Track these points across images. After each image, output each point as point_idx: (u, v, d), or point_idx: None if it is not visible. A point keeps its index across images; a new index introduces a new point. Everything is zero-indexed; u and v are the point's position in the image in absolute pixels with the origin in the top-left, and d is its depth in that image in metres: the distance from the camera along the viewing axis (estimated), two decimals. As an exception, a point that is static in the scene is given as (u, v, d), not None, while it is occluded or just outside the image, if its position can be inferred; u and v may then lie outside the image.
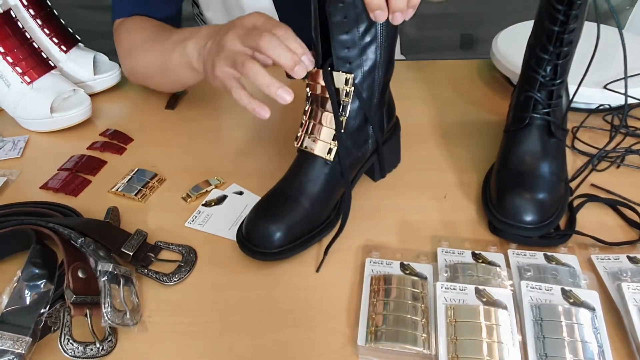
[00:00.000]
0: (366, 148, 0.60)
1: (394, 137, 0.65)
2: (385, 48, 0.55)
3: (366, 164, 0.63)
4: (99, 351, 0.47)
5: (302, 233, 0.55)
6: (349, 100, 0.55)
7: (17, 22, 0.79)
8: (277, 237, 0.53)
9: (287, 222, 0.54)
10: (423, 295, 0.50)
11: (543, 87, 0.60)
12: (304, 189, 0.56)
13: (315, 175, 0.56)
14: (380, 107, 0.60)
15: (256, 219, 0.55)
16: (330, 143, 0.56)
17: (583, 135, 0.73)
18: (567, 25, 0.56)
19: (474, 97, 0.84)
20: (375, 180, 0.67)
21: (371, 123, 0.59)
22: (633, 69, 0.71)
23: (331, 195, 0.58)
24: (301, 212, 0.55)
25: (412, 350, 0.45)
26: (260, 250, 0.54)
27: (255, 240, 0.54)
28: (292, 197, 0.56)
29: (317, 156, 0.56)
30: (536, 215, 0.55)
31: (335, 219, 0.59)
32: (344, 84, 0.54)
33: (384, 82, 0.58)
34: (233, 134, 0.78)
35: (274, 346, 0.48)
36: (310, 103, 0.57)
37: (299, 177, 0.57)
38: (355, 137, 0.58)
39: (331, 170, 0.57)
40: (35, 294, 0.48)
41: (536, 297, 0.48)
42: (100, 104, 0.87)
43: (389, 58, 0.57)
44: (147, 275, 0.55)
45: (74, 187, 0.68)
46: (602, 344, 0.44)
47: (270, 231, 0.53)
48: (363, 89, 0.56)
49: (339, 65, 0.54)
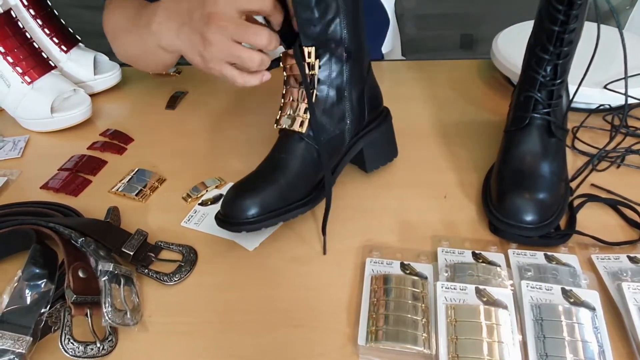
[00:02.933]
0: (343, 126, 0.60)
1: (382, 128, 0.65)
2: (348, 24, 0.56)
3: (351, 150, 0.63)
4: (99, 351, 0.47)
5: (276, 206, 0.55)
6: (316, 73, 0.56)
7: (17, 22, 0.79)
8: (250, 209, 0.54)
9: (262, 195, 0.55)
10: (423, 295, 0.50)
11: (543, 87, 0.60)
12: (278, 164, 0.57)
13: (290, 150, 0.58)
14: (354, 84, 0.60)
15: (232, 195, 0.56)
16: (302, 116, 0.57)
17: (583, 135, 0.73)
18: (567, 25, 0.56)
19: (474, 97, 0.84)
20: (367, 171, 0.67)
21: (346, 98, 0.59)
22: (633, 69, 0.72)
23: (309, 172, 0.58)
24: (275, 186, 0.56)
25: (413, 350, 0.45)
26: (234, 221, 0.54)
27: (230, 213, 0.55)
28: (270, 172, 0.57)
29: (291, 131, 0.58)
30: (536, 215, 0.55)
31: (317, 197, 0.59)
32: (308, 57, 0.56)
33: (356, 59, 0.59)
34: (233, 134, 0.78)
35: (274, 346, 0.48)
36: (285, 84, 0.59)
37: (275, 154, 0.58)
38: (329, 112, 0.59)
39: (307, 146, 0.58)
40: (36, 293, 0.48)
41: (536, 297, 0.48)
42: (101, 104, 0.87)
43: (355, 32, 0.58)
44: (147, 275, 0.55)
45: (74, 187, 0.68)
46: (602, 344, 0.45)
47: (244, 204, 0.54)
48: (331, 62, 0.57)
49: (304, 42, 0.55)
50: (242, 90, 0.89)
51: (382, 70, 0.94)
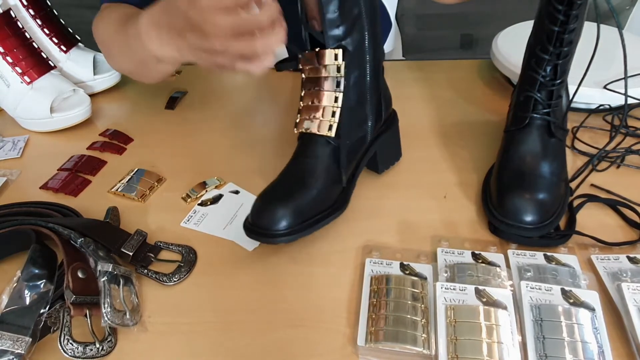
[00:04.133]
0: (365, 128, 0.60)
1: (392, 129, 0.66)
2: (369, 24, 0.56)
3: (368, 153, 0.62)
4: (98, 351, 0.47)
5: (309, 214, 0.54)
6: (342, 75, 0.55)
7: (17, 22, 0.79)
8: (285, 219, 0.52)
9: (294, 204, 0.53)
10: (423, 296, 0.50)
11: (543, 87, 0.60)
12: (309, 169, 0.56)
13: (317, 154, 0.56)
14: (375, 88, 0.60)
15: (262, 204, 0.54)
16: (330, 120, 0.56)
17: (583, 135, 0.73)
18: (567, 25, 0.56)
19: (474, 97, 0.84)
20: (379, 172, 0.67)
21: (368, 102, 0.59)
22: (633, 69, 0.72)
23: (337, 177, 0.57)
24: (307, 193, 0.54)
25: (412, 351, 0.45)
26: (268, 232, 0.53)
27: (262, 224, 0.53)
28: (299, 178, 0.55)
29: (318, 135, 0.56)
30: (536, 216, 0.55)
31: (343, 201, 0.58)
32: (335, 60, 0.55)
33: (375, 61, 0.58)
34: (233, 134, 0.78)
35: (274, 346, 0.48)
36: (305, 87, 0.58)
37: (304, 159, 0.57)
38: (353, 115, 0.58)
39: (334, 150, 0.57)
40: (35, 294, 0.48)
41: (536, 298, 0.48)
42: (100, 104, 0.87)
43: (374, 34, 0.57)
44: (146, 275, 0.55)
45: (73, 187, 0.68)
46: (602, 344, 0.44)
47: (277, 214, 0.52)
48: (355, 65, 0.56)
49: (329, 44, 0.54)
50: (241, 90, 0.89)
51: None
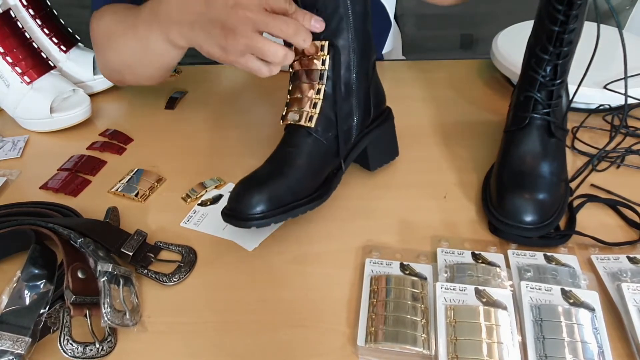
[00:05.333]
0: (350, 122, 0.60)
1: (385, 125, 0.65)
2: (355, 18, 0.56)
3: (356, 148, 0.62)
4: (98, 351, 0.47)
5: (285, 201, 0.55)
6: (326, 68, 0.56)
7: (16, 22, 0.78)
8: (261, 204, 0.53)
9: (270, 190, 0.54)
10: (423, 296, 0.50)
11: (543, 87, 0.60)
12: (286, 158, 0.57)
13: (298, 144, 0.57)
14: (362, 82, 0.60)
15: (240, 190, 0.55)
16: (310, 110, 0.57)
17: (583, 136, 0.73)
18: (567, 25, 0.56)
19: (474, 97, 0.84)
20: (371, 169, 0.67)
21: (354, 96, 0.59)
22: (633, 69, 0.71)
23: (317, 167, 0.58)
24: (284, 180, 0.55)
25: (412, 351, 0.45)
26: (242, 216, 0.53)
27: (238, 208, 0.54)
28: (277, 167, 0.56)
29: (299, 126, 0.57)
30: (536, 216, 0.55)
31: (324, 193, 0.58)
32: (321, 51, 0.56)
33: (363, 56, 0.59)
34: (233, 134, 0.78)
35: (274, 346, 0.48)
36: (292, 81, 0.59)
37: (282, 149, 0.58)
38: (338, 107, 0.58)
39: (315, 141, 0.57)
40: (35, 294, 0.48)
41: (536, 298, 0.48)
42: (100, 104, 0.87)
43: (363, 29, 0.58)
44: (146, 275, 0.55)
45: (73, 187, 0.68)
46: (601, 345, 0.44)
47: (253, 199, 0.53)
48: (341, 57, 0.57)
49: (315, 36, 0.55)
50: (241, 90, 0.89)
51: (382, 70, 0.92)
